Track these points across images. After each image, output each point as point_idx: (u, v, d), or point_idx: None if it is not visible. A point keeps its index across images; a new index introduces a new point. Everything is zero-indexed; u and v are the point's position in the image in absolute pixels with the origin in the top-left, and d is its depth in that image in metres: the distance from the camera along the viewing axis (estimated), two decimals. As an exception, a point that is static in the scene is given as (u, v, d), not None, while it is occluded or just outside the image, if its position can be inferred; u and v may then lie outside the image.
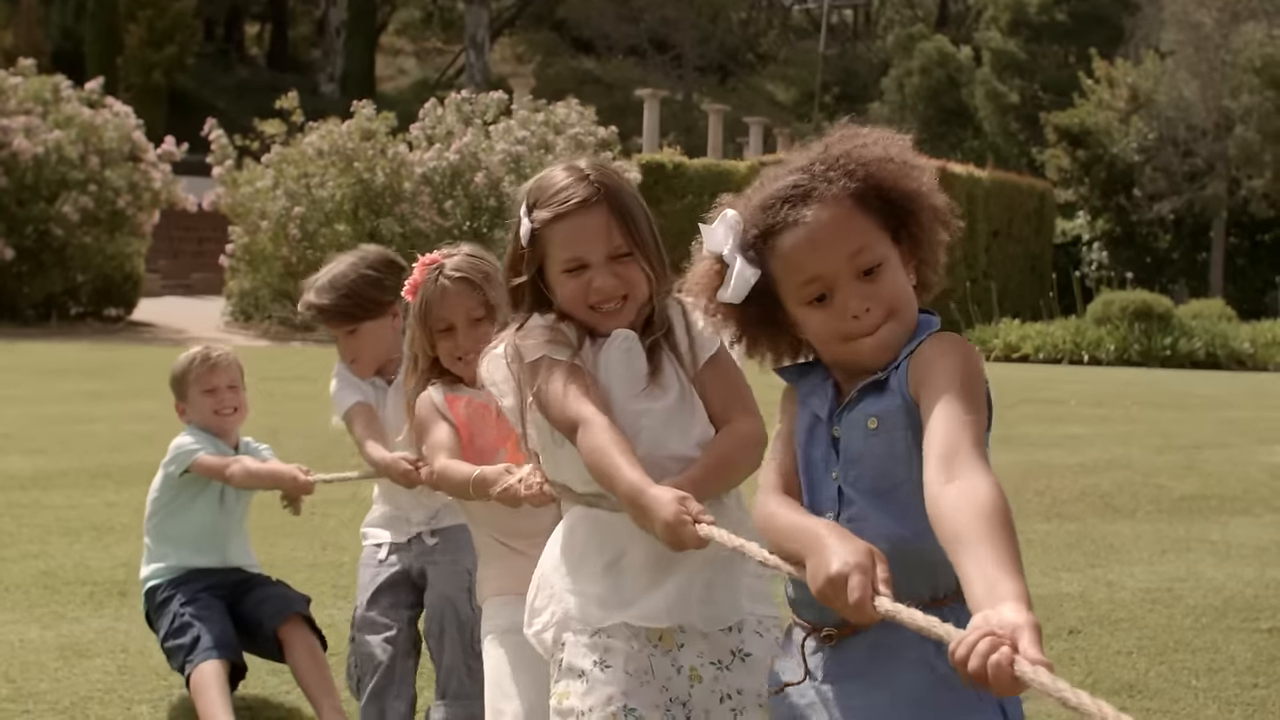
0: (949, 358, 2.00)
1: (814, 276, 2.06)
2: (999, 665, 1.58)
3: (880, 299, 2.05)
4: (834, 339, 2.08)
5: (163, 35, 44.09)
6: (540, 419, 2.52)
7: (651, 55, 50.64)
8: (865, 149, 2.10)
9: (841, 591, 1.80)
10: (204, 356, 4.35)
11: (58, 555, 6.25)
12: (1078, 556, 6.56)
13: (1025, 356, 21.06)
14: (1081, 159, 33.99)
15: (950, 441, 1.88)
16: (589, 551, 2.49)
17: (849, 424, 2.08)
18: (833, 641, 2.08)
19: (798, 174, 2.09)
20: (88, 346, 18.35)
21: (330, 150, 21.57)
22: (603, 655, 2.42)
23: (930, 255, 2.13)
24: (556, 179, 2.57)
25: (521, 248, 2.57)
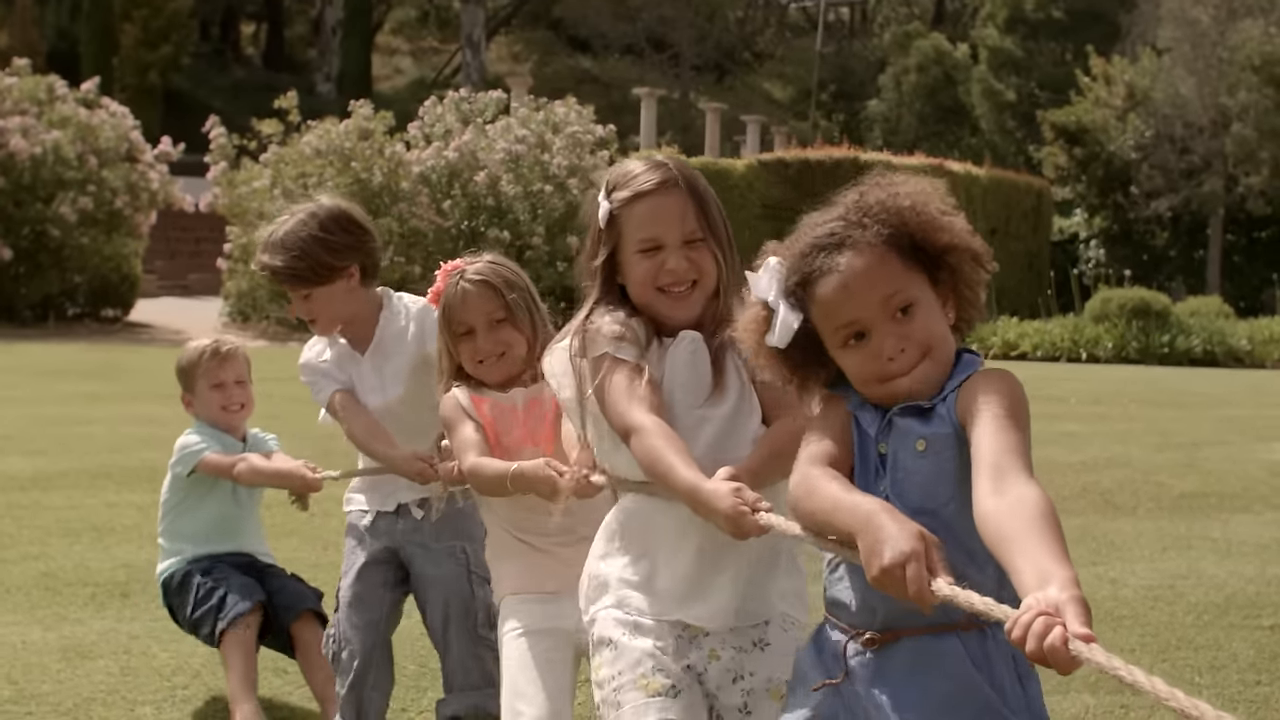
0: (997, 387, 2.09)
1: (850, 321, 2.14)
2: (1054, 646, 1.64)
3: (914, 340, 2.13)
4: (872, 380, 2.16)
5: (158, 35, 44.08)
6: (599, 412, 2.59)
7: (648, 54, 50.61)
8: (897, 198, 2.18)
9: (900, 581, 1.84)
10: (214, 350, 4.32)
11: (58, 556, 6.24)
12: (1080, 553, 6.55)
13: (1023, 354, 21.05)
14: (1078, 157, 34.01)
15: (999, 458, 1.96)
16: (637, 542, 2.58)
17: (896, 441, 2.14)
18: (875, 645, 2.13)
19: (834, 223, 2.18)
20: (85, 347, 18.34)
21: (328, 150, 21.55)
22: (632, 628, 2.52)
23: (969, 293, 2.21)
24: (635, 166, 2.68)
25: (599, 230, 2.66)
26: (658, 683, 2.47)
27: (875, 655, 2.13)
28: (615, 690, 2.49)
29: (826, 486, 2.10)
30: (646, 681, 2.47)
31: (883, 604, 2.09)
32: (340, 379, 3.75)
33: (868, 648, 2.13)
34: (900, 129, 44.42)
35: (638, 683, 2.47)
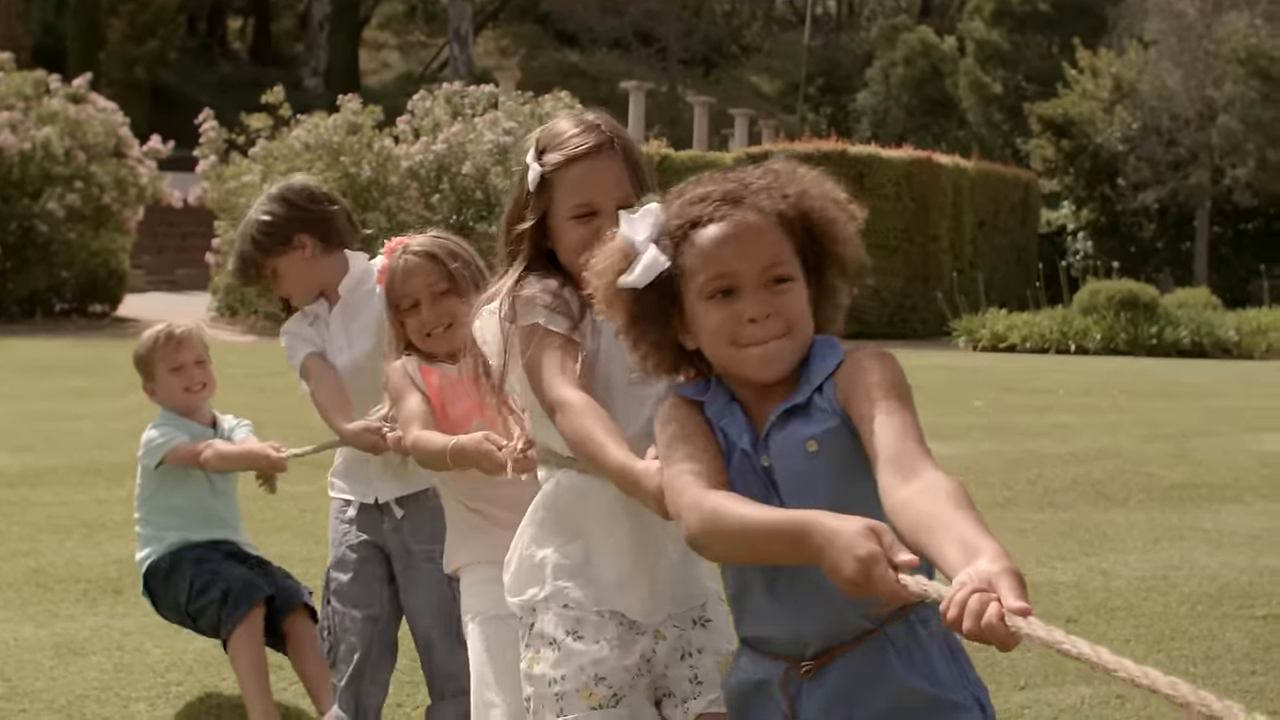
0: (876, 368, 2.03)
1: (726, 272, 2.08)
2: (991, 624, 1.60)
3: (781, 312, 2.07)
4: (725, 340, 2.08)
5: (145, 30, 43.94)
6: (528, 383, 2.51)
7: (636, 48, 50.56)
8: (805, 182, 2.14)
9: (869, 581, 1.76)
10: (168, 334, 4.31)
11: (49, 553, 6.22)
12: (1072, 545, 6.57)
13: (1012, 346, 21.08)
14: (1066, 149, 34.05)
15: (898, 446, 1.92)
16: (569, 522, 2.50)
17: (780, 451, 2.07)
18: (810, 673, 2.08)
19: (736, 182, 2.13)
20: (73, 343, 18.28)
21: (316, 144, 21.51)
22: (574, 625, 2.44)
23: (830, 311, 2.17)
24: (567, 127, 2.56)
25: (528, 194, 2.55)
26: (600, 694, 2.41)
27: (810, 682, 2.08)
28: (558, 695, 2.43)
29: (726, 519, 1.96)
30: (590, 691, 2.41)
31: (815, 633, 2.06)
32: (316, 341, 3.77)
33: (804, 678, 2.08)
34: (888, 122, 44.41)
35: (581, 691, 2.41)
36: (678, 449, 2.09)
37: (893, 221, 24.37)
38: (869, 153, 24.65)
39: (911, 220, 24.66)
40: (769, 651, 2.12)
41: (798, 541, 1.83)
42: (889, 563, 1.74)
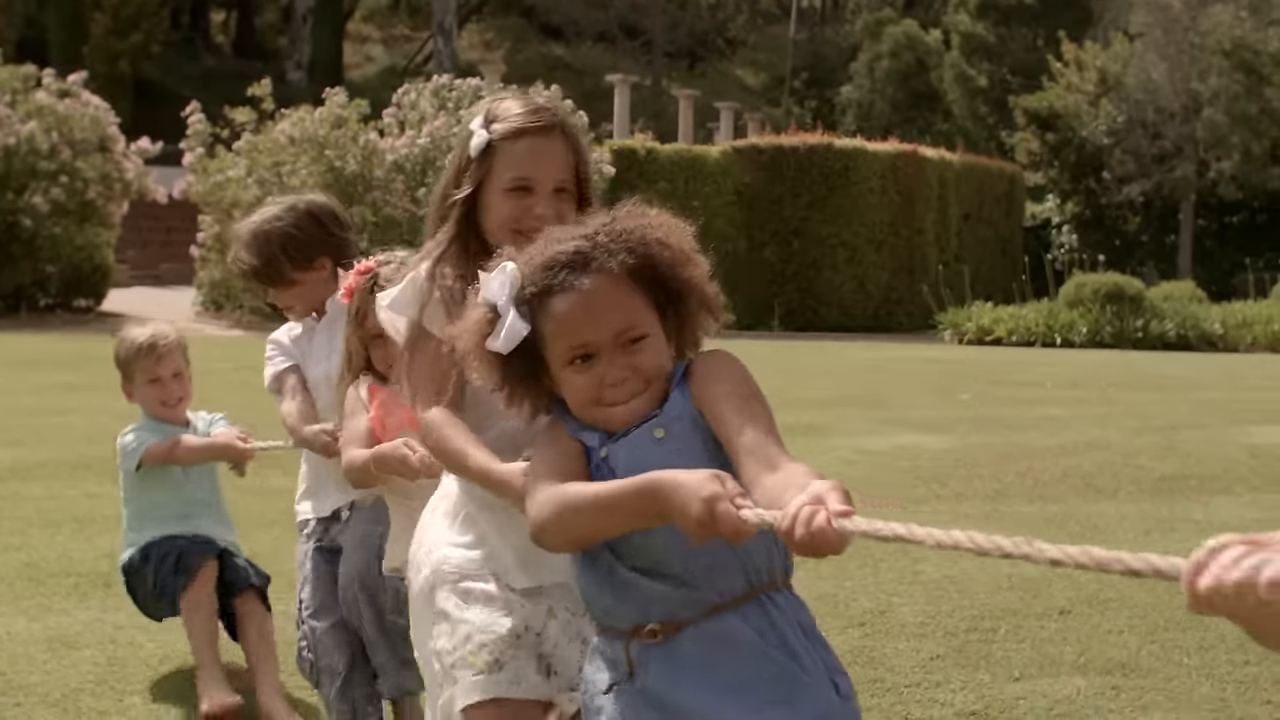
0: (726, 369, 2.18)
1: (582, 342, 2.15)
2: (820, 527, 1.76)
3: (639, 371, 2.15)
4: (589, 403, 2.17)
5: (128, 23, 43.74)
6: None
7: (621, 41, 50.53)
8: (648, 230, 2.20)
9: (715, 526, 1.87)
10: (150, 345, 4.33)
11: (40, 547, 6.19)
12: (1063, 537, 6.57)
13: (998, 339, 21.14)
14: (1051, 142, 34.13)
15: (758, 441, 2.05)
16: (464, 509, 2.58)
17: (627, 444, 2.16)
18: (658, 638, 2.12)
19: (581, 241, 2.18)
20: (58, 338, 18.23)
21: (302, 138, 21.46)
22: (463, 597, 2.51)
23: (691, 336, 2.24)
24: (518, 105, 2.62)
25: (469, 159, 2.58)
26: (482, 659, 2.46)
27: (661, 647, 2.12)
28: (450, 666, 2.49)
29: (573, 497, 2.09)
30: (473, 658, 2.47)
31: (660, 596, 2.11)
32: (295, 355, 3.85)
33: (650, 639, 2.13)
34: (873, 115, 44.46)
35: (466, 659, 2.47)
36: (540, 458, 2.21)
37: (878, 215, 24.43)
38: (855, 146, 24.69)
39: (897, 213, 24.71)
40: (616, 626, 2.18)
41: (647, 496, 1.96)
42: (730, 501, 1.87)
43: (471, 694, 2.45)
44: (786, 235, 23.81)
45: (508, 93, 2.75)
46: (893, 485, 7.92)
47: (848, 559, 6.04)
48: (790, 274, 23.79)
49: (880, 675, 4.44)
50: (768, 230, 23.56)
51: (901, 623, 5.03)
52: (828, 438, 9.52)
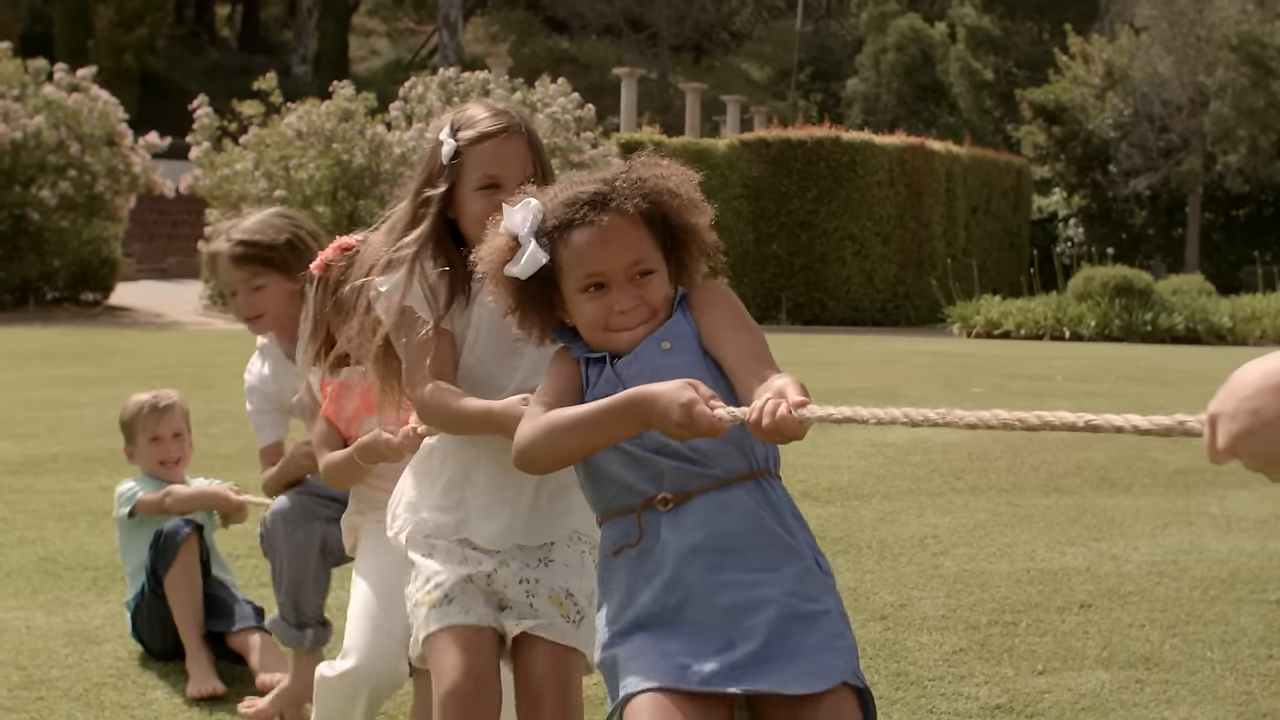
0: (721, 296, 2.50)
1: (596, 271, 2.42)
2: (782, 415, 2.09)
3: (645, 301, 2.44)
4: (598, 326, 2.44)
5: (133, 17, 43.78)
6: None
7: (626, 34, 50.48)
8: (661, 179, 2.48)
9: (694, 424, 2.17)
10: (152, 406, 4.63)
11: (56, 541, 6.19)
12: (1080, 530, 6.56)
13: (1007, 333, 21.10)
14: (1057, 135, 34.07)
15: (750, 358, 2.37)
16: (439, 472, 2.89)
17: (633, 359, 2.43)
18: (668, 505, 2.38)
19: (601, 184, 2.45)
20: (67, 331, 18.23)
21: (309, 131, 21.44)
22: (429, 550, 2.83)
23: (690, 276, 2.53)
24: (480, 111, 2.90)
25: (440, 164, 2.84)
26: (435, 596, 2.76)
27: (669, 514, 2.37)
28: (414, 605, 2.80)
29: (563, 417, 2.36)
30: (428, 597, 2.77)
31: (668, 469, 2.37)
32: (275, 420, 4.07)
33: (661, 507, 2.38)
34: (879, 108, 44.41)
35: (423, 600, 2.78)
36: (540, 391, 2.49)
37: (886, 208, 24.39)
38: (862, 139, 24.63)
39: (904, 207, 24.67)
40: (627, 507, 2.42)
41: (631, 408, 2.25)
42: (705, 403, 2.16)
43: (429, 624, 2.76)
44: (794, 228, 23.78)
45: (469, 102, 3.00)
46: (908, 478, 7.91)
47: (866, 553, 6.03)
48: (798, 267, 23.76)
49: (904, 669, 4.42)
50: (775, 223, 23.53)
51: (923, 616, 5.02)
52: (842, 430, 9.50)
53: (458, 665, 2.71)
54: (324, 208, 20.97)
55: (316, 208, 20.95)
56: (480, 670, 2.73)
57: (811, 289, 23.76)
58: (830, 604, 2.38)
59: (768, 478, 2.42)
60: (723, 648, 2.31)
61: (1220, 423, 1.63)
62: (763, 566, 2.34)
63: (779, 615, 2.32)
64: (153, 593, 4.45)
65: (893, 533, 6.45)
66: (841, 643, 2.35)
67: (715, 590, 2.33)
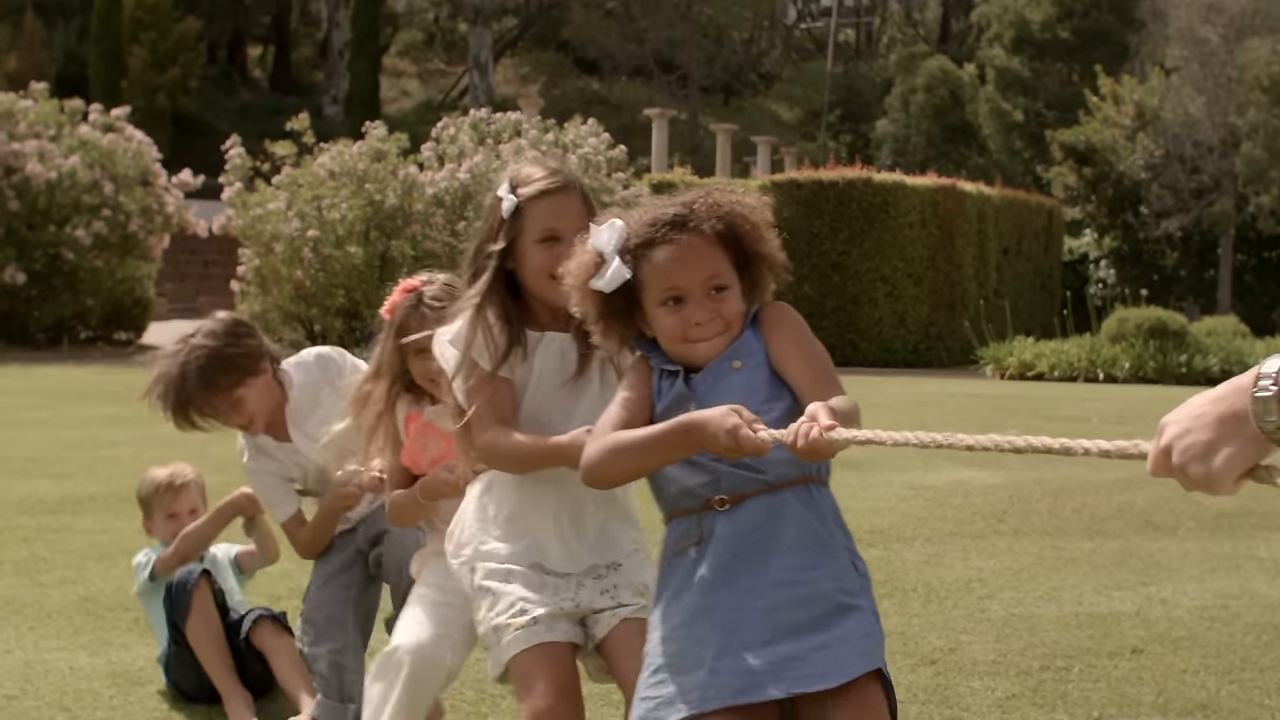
0: (789, 316, 2.70)
1: (675, 285, 2.62)
2: (814, 438, 2.31)
3: (720, 315, 2.64)
4: (676, 338, 2.64)
5: (166, 58, 44.16)
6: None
7: (657, 75, 50.65)
8: (735, 205, 2.68)
9: (739, 446, 2.38)
10: (168, 484, 4.71)
11: (96, 581, 6.17)
12: (1126, 574, 6.48)
13: (1040, 375, 20.98)
14: (1088, 176, 33.97)
15: (815, 379, 2.59)
16: (500, 503, 3.05)
17: (707, 375, 2.63)
18: (726, 506, 2.58)
19: (681, 206, 2.66)
20: (101, 370, 18.29)
21: (341, 171, 21.52)
22: (504, 578, 2.98)
23: (760, 295, 2.73)
24: (536, 170, 3.10)
25: (501, 220, 3.03)
26: (521, 620, 2.91)
27: (726, 514, 2.58)
28: (494, 629, 2.94)
29: (625, 440, 2.58)
30: (514, 620, 2.91)
31: (725, 475, 2.57)
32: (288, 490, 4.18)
33: (719, 508, 2.58)
34: (908, 149, 44.43)
35: (507, 622, 2.92)
36: (615, 402, 2.68)
37: (918, 249, 24.33)
38: (894, 180, 24.60)
39: (936, 248, 24.60)
40: (686, 507, 2.63)
41: (685, 434, 2.46)
42: (749, 427, 2.38)
43: (514, 647, 2.91)
44: (825, 269, 23.73)
45: (525, 158, 3.20)
46: (950, 521, 7.84)
47: (912, 596, 5.96)
48: (830, 308, 23.70)
49: (957, 715, 4.36)
50: (807, 264, 23.50)
51: (973, 661, 4.95)
52: (881, 472, 9.44)
53: (548, 685, 2.86)
54: (356, 247, 21.03)
55: (349, 247, 21.01)
56: (568, 688, 2.90)
57: (843, 330, 23.68)
58: (864, 602, 2.59)
59: (816, 485, 2.63)
60: (765, 642, 2.51)
61: (1166, 429, 1.94)
62: (806, 564, 2.55)
63: (819, 610, 2.53)
64: (177, 643, 4.44)
65: (937, 575, 6.39)
66: (871, 638, 2.55)
67: (761, 585, 2.54)
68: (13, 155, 20.80)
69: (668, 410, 2.62)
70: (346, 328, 21.61)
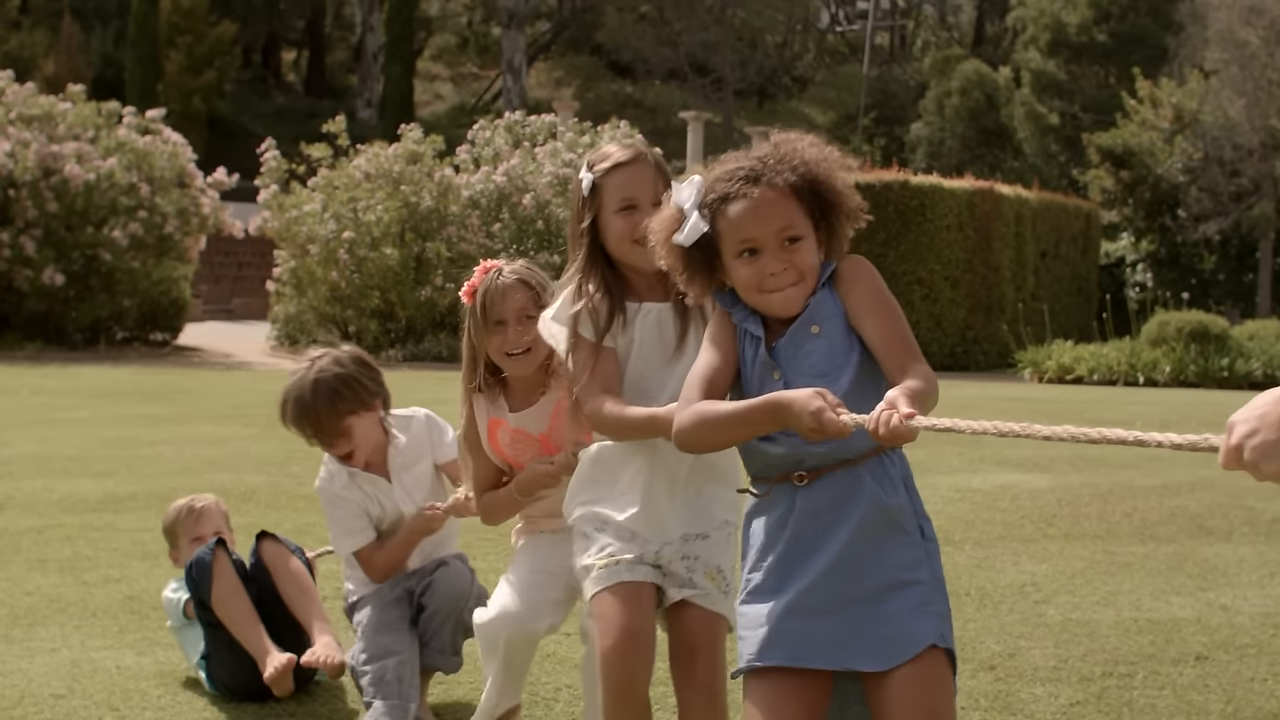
0: (865, 273, 2.77)
1: (750, 238, 2.71)
2: (895, 425, 2.41)
3: (794, 265, 2.71)
4: (752, 288, 2.73)
5: (201, 61, 44.37)
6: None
7: (691, 79, 50.55)
8: (805, 150, 2.76)
9: (822, 428, 2.48)
10: (190, 509, 4.80)
11: (140, 579, 6.12)
12: (1183, 579, 6.36)
13: (1079, 378, 20.79)
14: (1125, 180, 33.71)
15: (899, 349, 2.68)
16: (605, 470, 3.24)
17: (788, 343, 2.73)
18: (804, 481, 2.70)
19: (753, 161, 2.75)
20: (138, 370, 18.30)
21: (377, 174, 21.51)
22: (599, 527, 3.22)
23: (838, 245, 2.81)
24: (610, 147, 3.32)
25: (583, 199, 3.25)
26: (607, 559, 3.16)
27: (804, 489, 2.70)
28: (584, 569, 3.20)
29: (714, 411, 2.69)
30: (601, 561, 3.16)
31: (807, 452, 2.68)
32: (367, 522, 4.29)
33: (798, 483, 2.70)
34: (943, 152, 44.19)
35: (596, 563, 3.17)
36: (701, 359, 2.80)
37: (955, 252, 24.16)
38: (931, 183, 24.43)
39: (974, 251, 24.43)
40: (771, 478, 2.75)
41: (771, 412, 2.57)
42: (832, 410, 2.48)
43: (597, 584, 3.16)
44: (862, 272, 23.58)
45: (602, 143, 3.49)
46: (999, 524, 7.72)
47: (966, 600, 5.85)
48: (866, 311, 23.54)
49: (1020, 722, 4.26)
50: (843, 267, 23.36)
51: (1034, 666, 4.84)
52: (926, 475, 9.32)
53: (620, 622, 3.10)
54: (392, 249, 21.01)
55: (384, 249, 21.00)
56: (639, 626, 3.11)
57: (880, 333, 23.52)
58: (923, 574, 2.70)
59: (889, 452, 2.73)
60: (824, 612, 2.66)
61: (1235, 427, 2.03)
62: (872, 541, 2.67)
63: (877, 584, 2.66)
64: (211, 626, 4.38)
65: (990, 580, 6.28)
66: (930, 608, 2.66)
67: (827, 558, 2.67)
68: (51, 157, 20.84)
69: (754, 378, 2.75)
70: (381, 329, 21.59)
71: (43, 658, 4.85)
